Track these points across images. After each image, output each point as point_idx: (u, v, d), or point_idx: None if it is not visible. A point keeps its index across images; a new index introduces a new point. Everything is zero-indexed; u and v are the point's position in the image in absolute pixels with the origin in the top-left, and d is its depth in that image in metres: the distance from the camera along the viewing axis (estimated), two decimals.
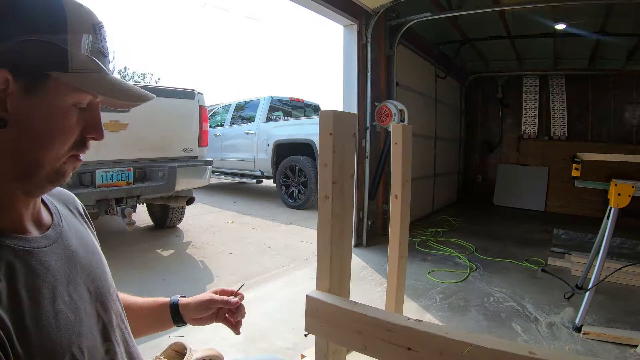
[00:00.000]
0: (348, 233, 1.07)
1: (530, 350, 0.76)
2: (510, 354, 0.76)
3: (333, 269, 1.02)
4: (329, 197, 0.99)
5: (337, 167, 1.00)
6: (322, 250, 1.03)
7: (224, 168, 8.82)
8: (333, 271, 1.02)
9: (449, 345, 0.78)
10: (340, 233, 1.03)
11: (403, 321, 0.85)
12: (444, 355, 0.79)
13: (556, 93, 7.95)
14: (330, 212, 0.99)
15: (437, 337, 0.79)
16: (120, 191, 3.86)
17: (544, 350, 0.77)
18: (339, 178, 1.00)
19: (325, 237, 1.01)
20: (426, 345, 0.81)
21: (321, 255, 1.04)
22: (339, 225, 1.02)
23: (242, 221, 6.08)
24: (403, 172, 1.53)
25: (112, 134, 3.83)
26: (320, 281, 1.04)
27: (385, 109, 4.58)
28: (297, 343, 2.48)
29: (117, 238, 4.92)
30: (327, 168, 0.99)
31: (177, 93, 4.39)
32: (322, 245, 1.03)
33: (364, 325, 0.90)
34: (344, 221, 1.04)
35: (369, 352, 0.90)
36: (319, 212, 1.03)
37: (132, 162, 3.99)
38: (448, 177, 7.92)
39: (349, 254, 1.09)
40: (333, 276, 1.02)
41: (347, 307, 0.94)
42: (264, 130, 7.85)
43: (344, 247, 1.05)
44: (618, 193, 2.87)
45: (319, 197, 1.01)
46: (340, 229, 1.03)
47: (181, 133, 4.44)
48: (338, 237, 1.02)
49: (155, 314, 1.04)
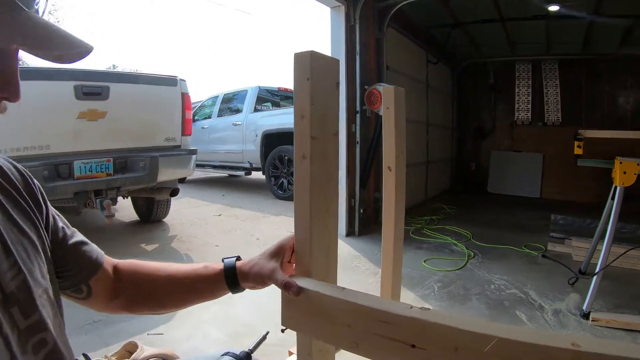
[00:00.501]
0: (333, 205, 0.86)
1: (573, 342, 0.57)
2: (547, 348, 0.57)
3: (315, 249, 0.82)
4: (306, 156, 0.79)
5: (317, 120, 0.80)
6: (301, 225, 0.82)
7: (212, 161, 8.58)
8: (315, 251, 0.82)
9: (466, 339, 0.59)
10: (323, 204, 0.82)
11: (405, 310, 0.65)
12: (459, 352, 0.60)
13: (549, 78, 7.80)
14: (309, 175, 0.78)
15: (450, 330, 0.60)
16: (100, 183, 3.67)
17: (588, 341, 0.57)
18: (319, 134, 0.80)
19: (304, 208, 0.81)
20: (436, 340, 0.62)
21: (299, 231, 0.82)
22: (322, 194, 0.81)
23: (230, 213, 5.87)
24: (397, 141, 1.33)
25: (90, 123, 3.64)
26: (300, 264, 0.84)
27: (376, 92, 4.38)
28: (284, 339, 2.27)
29: (100, 233, 4.70)
30: (305, 120, 0.79)
31: (158, 80, 4.18)
32: (301, 219, 0.82)
33: (355, 317, 0.71)
34: (328, 189, 0.83)
35: (361, 351, 0.70)
36: (295, 177, 0.82)
37: (111, 153, 3.80)
38: (441, 164, 7.77)
39: (335, 231, 0.88)
40: (315, 258, 0.82)
41: (333, 294, 0.73)
42: (251, 120, 7.63)
43: (328, 221, 0.85)
44: (623, 171, 2.72)
45: (295, 158, 0.81)
46: (324, 198, 0.83)
47: (163, 121, 4.23)
48: (321, 209, 0.82)
49: (205, 285, 0.92)
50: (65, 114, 3.51)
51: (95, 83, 3.66)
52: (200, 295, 0.94)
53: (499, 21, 6.27)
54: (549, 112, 7.79)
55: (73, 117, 3.53)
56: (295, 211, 0.84)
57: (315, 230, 0.82)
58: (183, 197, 7.24)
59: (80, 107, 3.56)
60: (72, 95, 3.51)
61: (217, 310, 2.67)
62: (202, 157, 8.52)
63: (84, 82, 3.59)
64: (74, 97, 3.52)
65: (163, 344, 2.34)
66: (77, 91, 3.53)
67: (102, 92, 3.68)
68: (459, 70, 8.56)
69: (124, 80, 3.92)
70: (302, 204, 0.82)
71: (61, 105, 3.49)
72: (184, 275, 0.92)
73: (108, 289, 0.89)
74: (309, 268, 0.83)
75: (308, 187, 0.80)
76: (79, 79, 3.56)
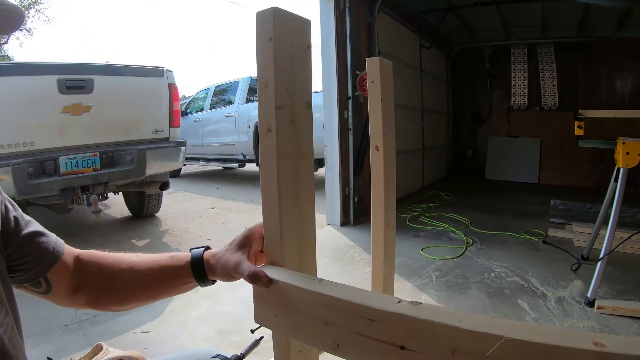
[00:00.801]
0: (307, 187, 0.74)
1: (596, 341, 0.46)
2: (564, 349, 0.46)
3: (286, 237, 0.69)
4: (272, 129, 0.67)
5: (283, 87, 0.68)
6: (268, 211, 0.70)
7: (205, 154, 8.46)
8: (286, 240, 0.70)
9: (465, 339, 0.48)
10: (293, 185, 0.70)
11: (392, 305, 0.54)
12: (457, 355, 0.49)
13: (545, 62, 7.69)
14: (276, 151, 0.66)
15: (446, 329, 0.49)
16: (87, 178, 3.57)
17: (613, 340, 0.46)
18: (286, 103, 0.68)
19: (270, 190, 0.68)
20: (430, 340, 0.50)
21: (267, 218, 0.71)
22: (291, 174, 0.69)
23: (224, 206, 5.76)
24: (384, 117, 1.21)
25: (74, 118, 3.53)
26: (270, 252, 0.73)
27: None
28: None
29: (90, 230, 4.61)
30: (269, 89, 0.67)
31: (144, 71, 4.05)
32: (267, 203, 0.69)
33: (334, 314, 0.59)
34: (299, 169, 0.71)
35: (342, 354, 0.59)
36: (260, 154, 0.70)
37: (98, 147, 3.69)
38: (437, 151, 7.67)
39: (311, 217, 0.76)
40: (286, 247, 0.70)
41: (307, 286, 0.62)
42: (244, 111, 7.50)
43: (302, 206, 0.73)
44: (627, 152, 2.61)
45: (260, 132, 0.69)
46: (295, 179, 0.70)
47: (150, 113, 4.12)
48: (290, 192, 0.70)
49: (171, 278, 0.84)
50: (49, 108, 3.41)
51: (79, 76, 3.56)
52: (166, 289, 0.85)
53: (493, 4, 6.14)
54: (545, 96, 7.68)
55: (57, 111, 3.44)
56: (262, 194, 0.72)
57: (285, 216, 0.70)
58: (177, 191, 7.14)
59: (64, 101, 3.46)
60: (55, 90, 3.41)
61: (206, 306, 2.57)
62: (195, 151, 8.41)
63: (67, 75, 3.48)
64: (57, 91, 3.42)
65: (150, 343, 2.24)
66: (60, 85, 3.43)
67: (86, 85, 3.58)
68: (453, 55, 8.44)
69: (109, 72, 3.81)
70: (268, 185, 0.70)
71: (44, 100, 3.38)
72: (147, 267, 0.84)
73: (69, 283, 0.82)
74: (279, 258, 0.71)
75: (275, 165, 0.68)
76: (62, 73, 3.46)
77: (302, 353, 0.78)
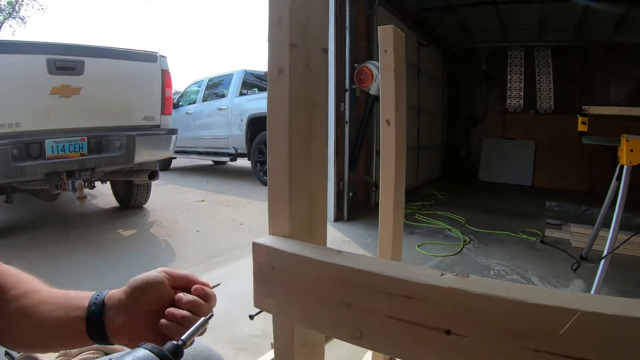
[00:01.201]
0: (320, 141, 0.63)
1: None
2: None
3: (295, 199, 0.60)
4: (284, 70, 0.56)
5: (300, 25, 0.57)
6: (276, 164, 0.60)
7: (196, 147, 8.28)
8: (294, 202, 0.59)
9: (531, 317, 0.38)
10: (305, 135, 0.60)
11: (434, 278, 0.43)
12: (520, 337, 0.38)
13: (542, 65, 7.64)
14: (288, 95, 0.56)
15: (506, 305, 0.39)
16: (73, 163, 3.45)
17: None
18: (301, 43, 0.57)
19: (279, 141, 0.58)
20: (484, 322, 0.40)
21: (274, 172, 0.61)
22: (303, 122, 0.58)
23: (214, 199, 5.63)
24: (397, 89, 1.11)
25: (63, 100, 3.41)
26: (275, 221, 0.61)
27: (366, 70, 4.16)
28: (266, 330, 2.08)
29: (76, 219, 4.45)
30: (283, 25, 0.56)
31: (136, 55, 3.93)
32: (276, 156, 0.59)
33: (359, 292, 0.48)
34: (312, 118, 0.60)
35: (367, 342, 0.48)
36: (269, 101, 0.59)
37: (86, 131, 3.56)
38: (432, 150, 7.60)
39: (323, 178, 0.64)
40: (296, 211, 0.59)
41: (325, 259, 0.51)
42: (237, 104, 7.35)
43: (313, 159, 0.62)
44: (630, 149, 2.56)
45: (269, 76, 0.58)
46: (306, 128, 0.60)
47: (141, 99, 4.00)
48: (302, 143, 0.59)
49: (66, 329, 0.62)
50: (36, 89, 3.28)
51: (69, 57, 3.43)
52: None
53: (492, 4, 6.08)
54: (541, 99, 7.63)
55: (45, 92, 3.31)
56: (269, 149, 0.61)
57: (295, 173, 0.59)
58: (166, 183, 7.00)
59: (53, 82, 3.34)
60: (44, 70, 3.29)
61: None
62: (186, 144, 8.25)
63: (58, 55, 3.36)
64: (46, 72, 3.30)
65: None
66: (49, 65, 3.31)
67: (76, 66, 3.46)
68: (450, 55, 8.37)
69: (100, 54, 3.68)
70: (277, 136, 0.59)
71: (33, 80, 3.26)
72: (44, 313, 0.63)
73: None
74: (285, 226, 0.60)
75: (286, 113, 0.57)
76: (52, 52, 3.34)
77: (306, 346, 0.67)
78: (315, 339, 0.69)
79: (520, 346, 0.39)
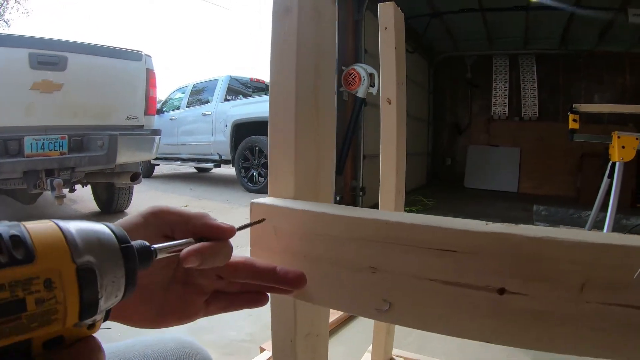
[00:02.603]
0: (328, 96, 0.54)
1: None
2: None
3: (300, 159, 0.50)
4: (292, 8, 0.48)
5: None
6: (279, 114, 0.51)
7: (180, 154, 8.14)
8: (300, 162, 0.50)
9: (600, 262, 0.30)
10: (314, 88, 0.51)
11: (481, 226, 0.36)
12: (588, 289, 0.31)
13: (527, 73, 7.74)
14: (295, 38, 0.47)
15: (572, 249, 0.31)
16: (52, 162, 3.34)
17: None
18: None
19: (285, 89, 0.50)
20: (546, 274, 0.32)
21: (276, 125, 0.52)
22: (312, 72, 0.50)
23: (198, 205, 5.51)
24: (398, 67, 1.04)
25: (43, 96, 3.31)
26: (276, 182, 0.52)
27: (354, 72, 4.13)
28: (254, 333, 1.98)
29: None
30: None
31: (121, 53, 3.85)
32: (279, 109, 0.50)
33: (385, 251, 0.40)
34: (320, 70, 0.52)
35: (397, 316, 0.39)
36: (272, 44, 0.51)
37: (67, 129, 3.47)
38: (417, 157, 7.60)
39: (332, 140, 0.55)
40: (301, 172, 0.50)
41: (343, 213, 0.44)
42: (221, 110, 7.26)
43: (320, 108, 0.54)
44: (622, 146, 2.58)
45: (273, 15, 0.50)
46: (315, 80, 0.51)
47: (125, 98, 3.92)
48: (310, 96, 0.50)
49: None
50: (17, 84, 3.19)
51: (52, 52, 3.35)
52: None
53: (479, 10, 6.11)
54: (526, 106, 7.71)
55: (26, 88, 3.22)
56: (270, 100, 0.53)
57: (302, 129, 0.50)
58: (149, 189, 6.84)
59: (34, 77, 3.26)
60: (26, 64, 3.20)
61: None
62: (170, 150, 8.12)
63: (40, 50, 3.27)
64: (28, 66, 3.21)
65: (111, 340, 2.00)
66: (31, 60, 3.22)
67: (59, 62, 3.38)
68: (436, 63, 8.42)
69: (84, 50, 3.59)
70: (281, 85, 0.51)
71: (13, 75, 3.17)
72: None
73: None
74: (289, 188, 0.51)
75: (293, 58, 0.49)
76: (34, 47, 3.25)
77: (310, 338, 0.58)
78: (320, 329, 0.60)
79: (593, 300, 0.31)
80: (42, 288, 0.25)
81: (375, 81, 4.15)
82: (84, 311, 0.28)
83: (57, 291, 0.26)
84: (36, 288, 0.25)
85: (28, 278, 0.25)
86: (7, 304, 0.24)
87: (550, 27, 6.54)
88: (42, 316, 0.25)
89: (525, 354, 1.85)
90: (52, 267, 0.26)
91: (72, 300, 0.27)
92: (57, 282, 0.26)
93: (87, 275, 0.27)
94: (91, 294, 0.28)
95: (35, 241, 0.26)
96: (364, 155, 4.87)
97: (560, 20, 6.05)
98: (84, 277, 0.27)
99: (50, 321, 0.26)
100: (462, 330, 0.36)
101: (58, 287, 0.26)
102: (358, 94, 4.22)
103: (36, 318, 0.25)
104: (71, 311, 0.27)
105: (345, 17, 4.52)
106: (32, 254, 0.25)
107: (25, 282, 0.25)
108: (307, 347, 0.57)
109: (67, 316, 0.27)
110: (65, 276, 0.26)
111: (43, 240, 0.26)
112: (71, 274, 0.27)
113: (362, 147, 4.84)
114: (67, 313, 0.27)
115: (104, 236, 0.30)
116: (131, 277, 0.31)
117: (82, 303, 0.27)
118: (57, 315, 0.26)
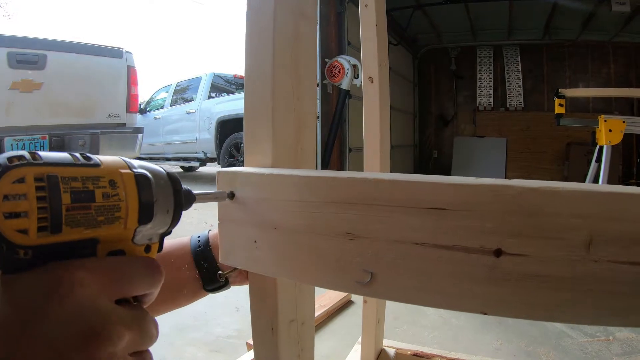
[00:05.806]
0: (308, 60, 0.50)
1: None
2: None
3: (279, 118, 0.45)
4: None
5: None
6: (253, 78, 0.45)
7: (165, 153, 8.03)
8: (279, 122, 0.44)
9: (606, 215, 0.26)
10: (293, 50, 0.46)
11: (472, 180, 0.31)
12: (595, 246, 0.27)
13: (511, 64, 7.77)
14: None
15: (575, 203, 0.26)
16: None
17: None
18: None
19: (262, 50, 0.45)
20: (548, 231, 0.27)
21: (251, 91, 0.46)
22: (291, 35, 0.45)
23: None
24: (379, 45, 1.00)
25: (23, 95, 3.27)
26: (252, 153, 0.47)
27: (337, 64, 4.09)
28: (241, 330, 1.93)
29: None
30: None
31: (101, 50, 3.78)
32: (254, 67, 0.45)
33: (364, 214, 0.35)
34: (299, 33, 0.47)
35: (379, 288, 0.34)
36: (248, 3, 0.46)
37: (48, 129, 3.43)
38: (403, 150, 7.61)
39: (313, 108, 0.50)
40: (281, 135, 0.44)
41: (318, 175, 0.39)
42: (205, 107, 7.17)
43: (300, 71, 0.48)
44: (609, 129, 2.58)
45: None
46: (294, 37, 0.46)
47: (106, 96, 3.85)
48: (288, 59, 0.45)
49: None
50: None
51: (31, 51, 3.29)
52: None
53: (462, 2, 6.10)
54: (511, 97, 7.75)
55: (5, 87, 3.18)
56: (246, 63, 0.48)
57: (279, 85, 0.45)
58: None
59: (13, 76, 3.22)
60: (4, 63, 3.15)
61: None
62: (155, 150, 8.01)
63: (19, 49, 3.22)
64: (6, 65, 3.16)
65: None
66: (10, 59, 3.18)
67: (38, 60, 3.33)
68: (420, 56, 8.42)
69: (64, 48, 3.53)
70: (258, 47, 0.46)
71: None
72: None
73: None
74: (267, 155, 0.46)
75: (271, 17, 0.44)
76: (13, 45, 3.20)
77: (294, 325, 0.52)
78: (305, 316, 0.55)
79: (602, 259, 0.27)
80: (108, 185, 0.30)
81: (360, 73, 4.11)
82: (143, 212, 0.32)
83: (119, 190, 0.31)
84: (103, 184, 0.30)
85: (96, 176, 0.30)
86: (80, 192, 0.29)
87: (533, 18, 6.55)
88: (108, 211, 0.30)
89: (520, 338, 1.83)
90: (114, 171, 0.31)
91: (132, 200, 0.32)
92: (119, 183, 0.31)
93: (143, 180, 0.33)
94: (148, 195, 0.33)
95: (101, 158, 0.32)
96: (349, 148, 4.83)
97: (544, 10, 6.06)
98: (141, 181, 0.32)
99: (114, 219, 0.31)
100: (454, 301, 0.32)
101: (120, 187, 0.31)
102: (342, 86, 4.18)
103: (103, 212, 0.30)
104: (132, 212, 0.32)
105: (327, 9, 4.48)
106: (98, 163, 0.31)
107: (94, 178, 0.30)
108: (290, 336, 0.52)
109: (129, 217, 0.32)
110: (126, 179, 0.32)
111: (107, 159, 0.32)
112: (130, 178, 0.32)
113: (347, 140, 4.80)
114: (129, 214, 0.32)
115: (159, 171, 0.35)
116: (179, 200, 0.36)
117: (141, 203, 0.32)
118: (121, 213, 0.31)
